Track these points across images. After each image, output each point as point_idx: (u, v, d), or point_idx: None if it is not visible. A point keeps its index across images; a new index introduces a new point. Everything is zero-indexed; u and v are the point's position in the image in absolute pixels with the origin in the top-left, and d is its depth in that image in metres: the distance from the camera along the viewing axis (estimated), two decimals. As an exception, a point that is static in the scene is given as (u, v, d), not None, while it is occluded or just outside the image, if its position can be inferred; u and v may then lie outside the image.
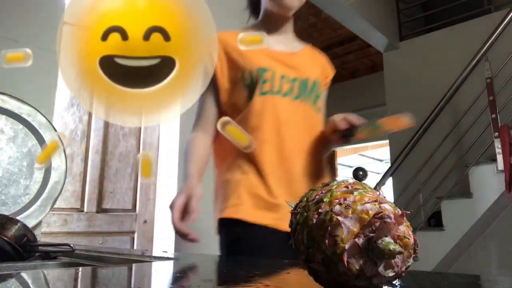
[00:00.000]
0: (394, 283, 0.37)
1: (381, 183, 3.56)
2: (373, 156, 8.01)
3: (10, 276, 0.63)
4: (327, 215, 0.33)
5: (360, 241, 0.32)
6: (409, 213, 0.34)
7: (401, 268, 0.33)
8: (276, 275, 0.58)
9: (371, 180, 5.94)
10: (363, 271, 0.32)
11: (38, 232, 1.38)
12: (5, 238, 0.84)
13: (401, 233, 0.32)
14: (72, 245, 0.85)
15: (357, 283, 0.32)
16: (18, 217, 1.14)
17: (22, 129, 1.37)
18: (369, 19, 3.70)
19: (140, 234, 1.89)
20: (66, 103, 1.71)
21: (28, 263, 0.82)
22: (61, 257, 0.89)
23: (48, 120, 1.42)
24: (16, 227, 0.88)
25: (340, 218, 0.32)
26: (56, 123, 1.60)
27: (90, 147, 1.78)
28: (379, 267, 0.32)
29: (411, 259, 0.33)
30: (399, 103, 3.89)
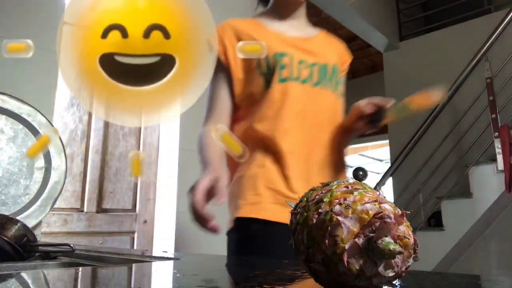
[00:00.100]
0: (394, 283, 0.37)
1: (381, 183, 3.56)
2: (373, 156, 8.00)
3: (10, 276, 0.63)
4: (327, 215, 0.33)
5: (360, 241, 0.32)
6: (409, 213, 0.34)
7: (401, 268, 0.33)
8: (276, 274, 0.58)
9: (371, 180, 5.93)
10: (363, 271, 0.32)
11: (38, 232, 1.38)
12: (5, 238, 0.84)
13: (401, 233, 0.32)
14: (72, 245, 0.85)
15: (357, 283, 0.32)
16: (18, 217, 1.14)
17: (22, 129, 1.37)
18: (369, 19, 3.70)
19: (140, 234, 1.89)
20: (66, 103, 1.71)
21: (28, 263, 0.82)
22: (61, 257, 0.89)
23: (48, 120, 1.42)
24: (16, 227, 0.88)
25: (340, 218, 0.32)
26: (56, 123, 1.60)
27: (90, 147, 1.78)
28: (379, 267, 0.32)
29: (411, 259, 0.33)
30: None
